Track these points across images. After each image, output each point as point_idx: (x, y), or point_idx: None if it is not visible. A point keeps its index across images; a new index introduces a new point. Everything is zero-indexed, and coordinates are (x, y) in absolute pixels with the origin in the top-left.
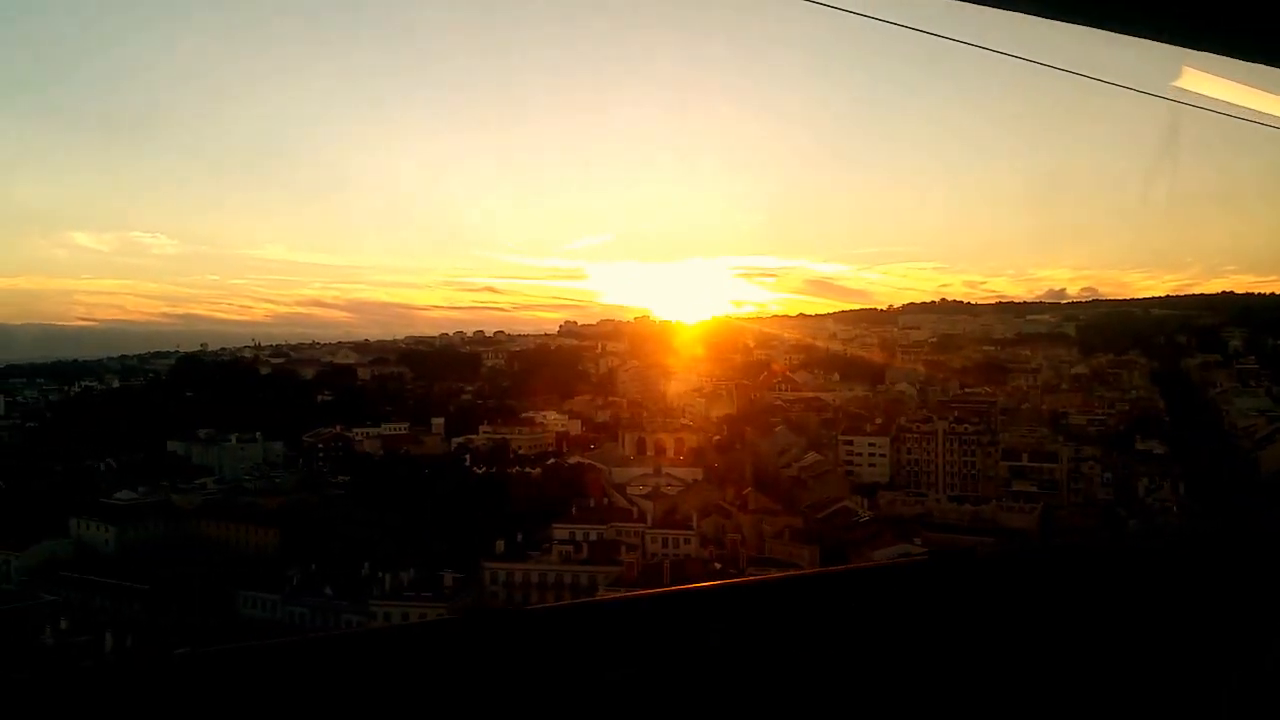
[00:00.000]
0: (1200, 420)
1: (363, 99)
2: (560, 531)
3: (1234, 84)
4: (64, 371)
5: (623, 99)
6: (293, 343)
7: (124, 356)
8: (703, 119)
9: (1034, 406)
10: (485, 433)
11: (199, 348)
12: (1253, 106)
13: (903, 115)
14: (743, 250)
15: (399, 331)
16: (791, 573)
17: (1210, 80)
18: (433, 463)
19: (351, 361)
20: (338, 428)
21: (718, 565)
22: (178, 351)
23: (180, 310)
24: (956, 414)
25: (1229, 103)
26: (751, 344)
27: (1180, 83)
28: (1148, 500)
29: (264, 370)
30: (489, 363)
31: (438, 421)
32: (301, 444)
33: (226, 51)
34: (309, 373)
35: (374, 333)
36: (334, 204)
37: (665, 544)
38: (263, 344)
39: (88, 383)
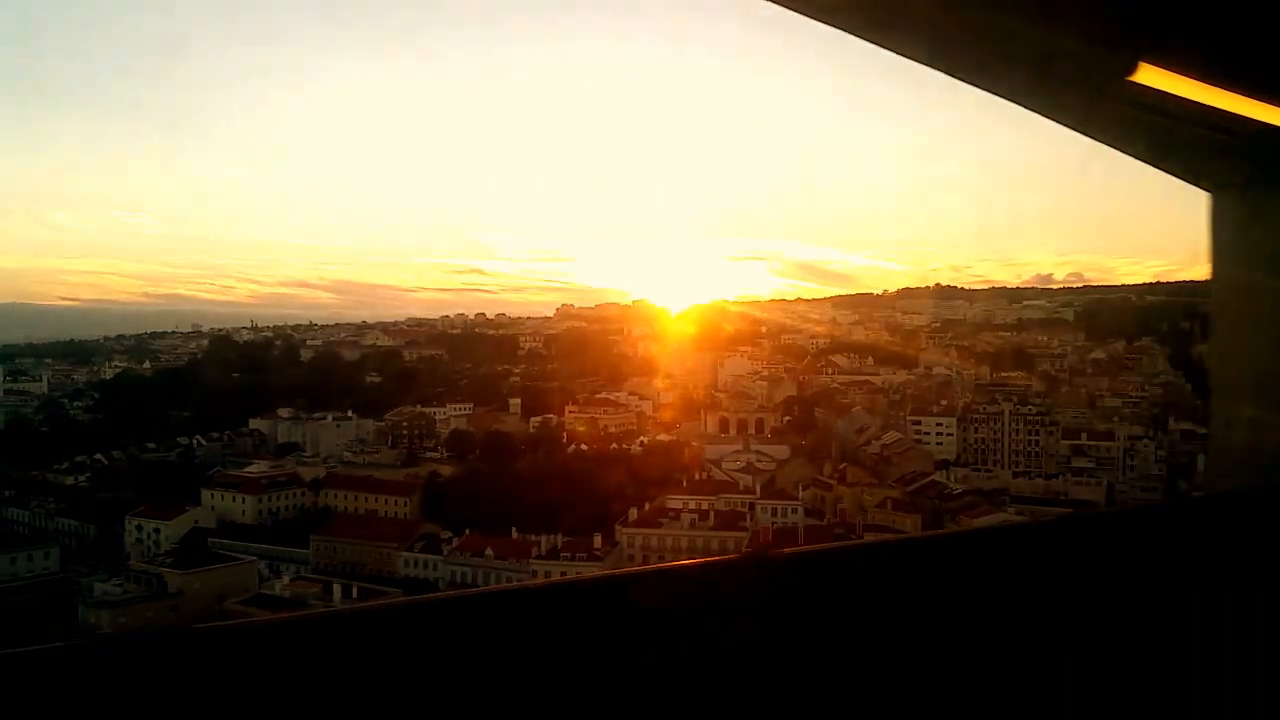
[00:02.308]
0: None
1: (347, 81)
2: (674, 502)
3: (1189, 81)
4: (67, 352)
5: (610, 81)
6: (291, 324)
7: (120, 337)
8: (688, 101)
9: (1072, 390)
10: (572, 412)
11: (190, 328)
12: (1210, 103)
13: (888, 99)
14: (728, 233)
15: (384, 312)
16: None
17: (1166, 77)
18: (528, 440)
19: (390, 344)
20: (418, 407)
21: (839, 530)
22: (175, 331)
23: (163, 290)
24: (1016, 397)
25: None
26: (772, 328)
27: (1138, 77)
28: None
29: (305, 353)
30: (527, 345)
31: (514, 402)
32: (386, 422)
33: (213, 32)
34: (354, 354)
35: (360, 314)
36: (317, 185)
37: (774, 513)
38: (259, 325)
39: (117, 364)
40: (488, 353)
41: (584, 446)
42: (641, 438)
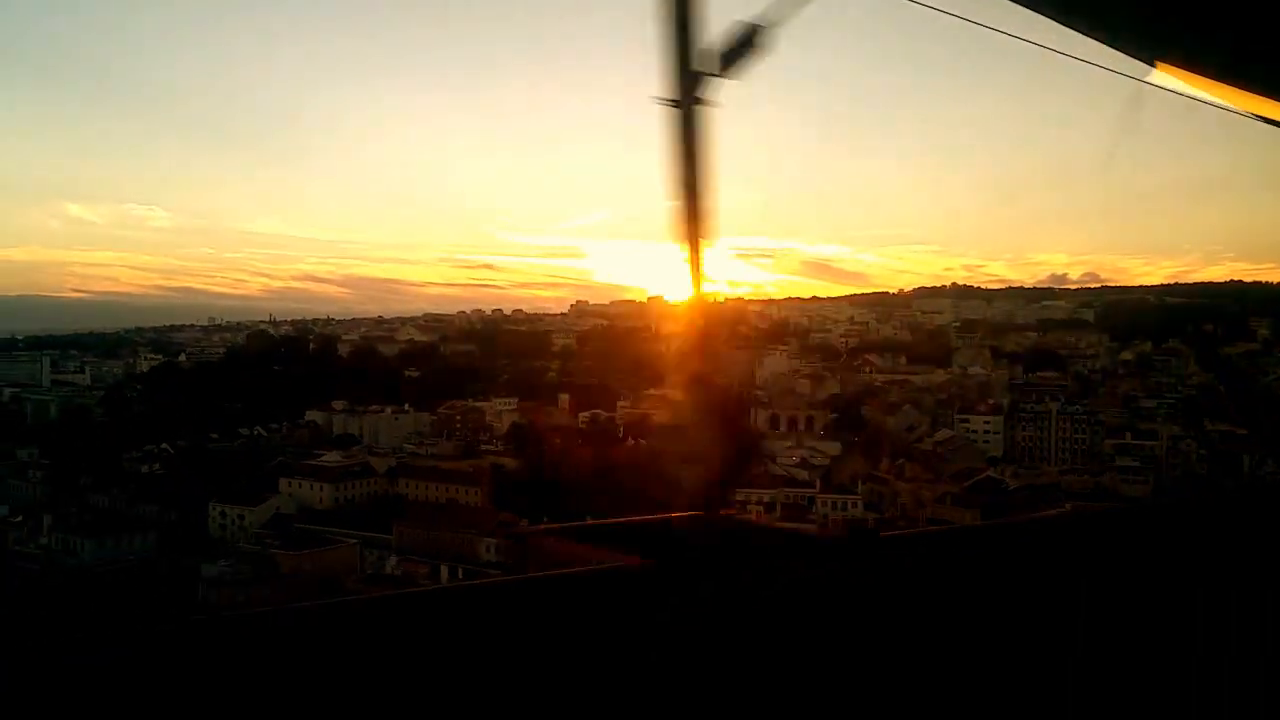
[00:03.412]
0: (1264, 405)
1: (358, 73)
2: (738, 495)
3: (1204, 79)
4: (87, 344)
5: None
6: (308, 318)
7: (139, 329)
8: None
9: (1109, 390)
10: (624, 408)
11: (207, 321)
12: (1223, 101)
13: (898, 96)
14: (737, 230)
15: (395, 307)
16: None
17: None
18: (583, 434)
19: (425, 339)
20: (470, 401)
21: (902, 524)
22: (193, 325)
23: (175, 283)
24: (1063, 397)
25: (1200, 97)
26: (797, 326)
27: (1153, 77)
28: (1254, 475)
29: (344, 349)
30: (560, 342)
31: (563, 397)
32: (438, 416)
33: (224, 25)
34: (390, 349)
35: (370, 308)
36: (328, 179)
37: (834, 506)
38: (277, 319)
39: (150, 357)
40: (520, 349)
41: (643, 441)
42: None
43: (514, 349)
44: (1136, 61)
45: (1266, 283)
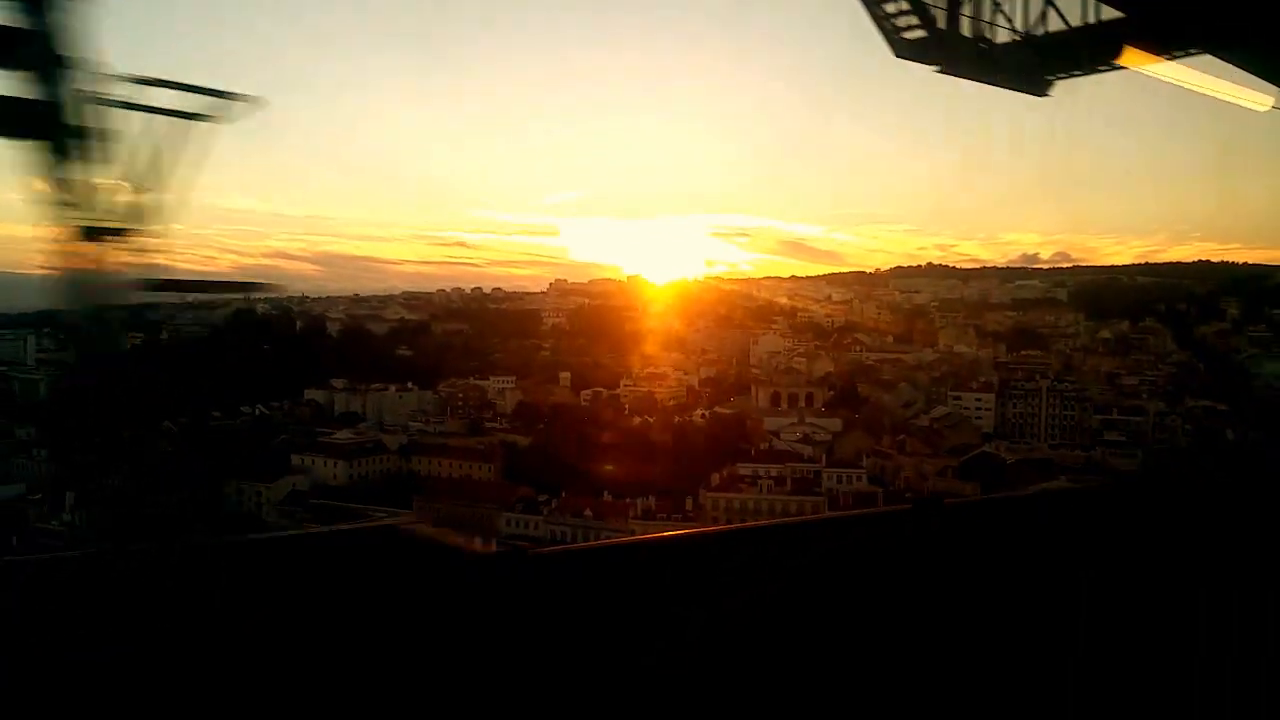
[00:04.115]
0: (1241, 383)
1: (330, 48)
2: (744, 470)
3: (1175, 64)
4: (53, 321)
5: (596, 53)
6: (284, 296)
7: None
8: (676, 76)
9: (1093, 368)
10: (627, 386)
11: (179, 297)
12: (1194, 85)
13: (873, 79)
14: (714, 208)
15: (369, 285)
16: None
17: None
18: (587, 412)
19: (414, 318)
20: (472, 380)
21: (909, 496)
22: (179, 301)
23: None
24: (1053, 375)
25: (1172, 80)
26: (779, 305)
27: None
28: (1239, 448)
29: (332, 327)
30: (549, 321)
31: (564, 375)
32: (440, 394)
33: None
34: (381, 328)
35: (345, 286)
36: (299, 154)
37: (839, 480)
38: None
39: (134, 336)
40: (510, 328)
41: (650, 418)
42: (700, 410)
43: (503, 328)
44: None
45: (1233, 262)
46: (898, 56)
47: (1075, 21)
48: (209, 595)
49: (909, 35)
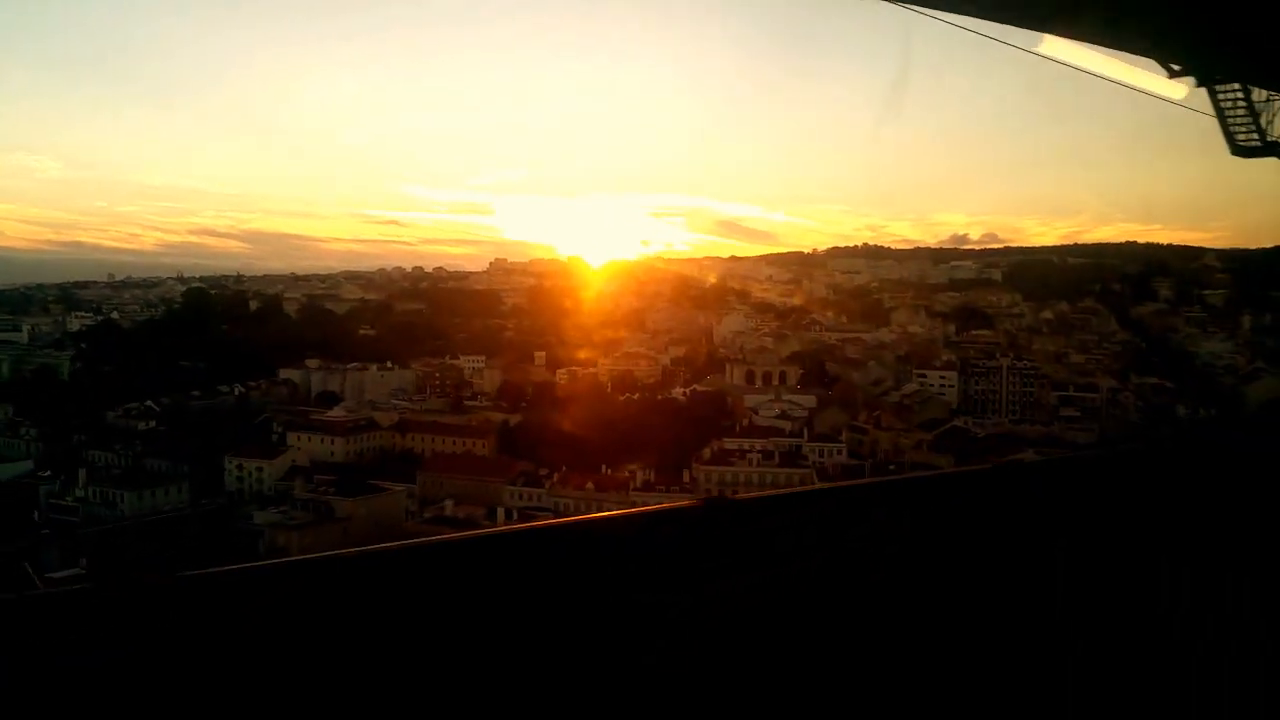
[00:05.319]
0: (1184, 362)
1: (260, 21)
2: (731, 444)
3: (1093, 51)
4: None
5: (533, 33)
6: (219, 274)
7: (41, 286)
8: (613, 56)
9: (1040, 347)
10: (604, 364)
11: (107, 278)
12: (1110, 74)
13: (807, 62)
14: (648, 188)
15: (299, 263)
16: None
17: (1070, 46)
18: (569, 390)
19: (372, 298)
20: (447, 358)
21: (892, 467)
22: (97, 282)
23: (65, 237)
24: (1012, 353)
25: (1087, 68)
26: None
27: (1043, 48)
28: (1190, 423)
29: (289, 307)
30: (509, 301)
31: (540, 354)
32: (418, 373)
33: None
34: (340, 308)
35: (274, 264)
36: (225, 131)
37: (821, 454)
38: (185, 276)
39: (82, 316)
40: (467, 308)
41: (633, 395)
42: (679, 388)
43: (463, 307)
44: (1027, 32)
45: (1158, 243)
46: None
47: None
48: None
49: None
